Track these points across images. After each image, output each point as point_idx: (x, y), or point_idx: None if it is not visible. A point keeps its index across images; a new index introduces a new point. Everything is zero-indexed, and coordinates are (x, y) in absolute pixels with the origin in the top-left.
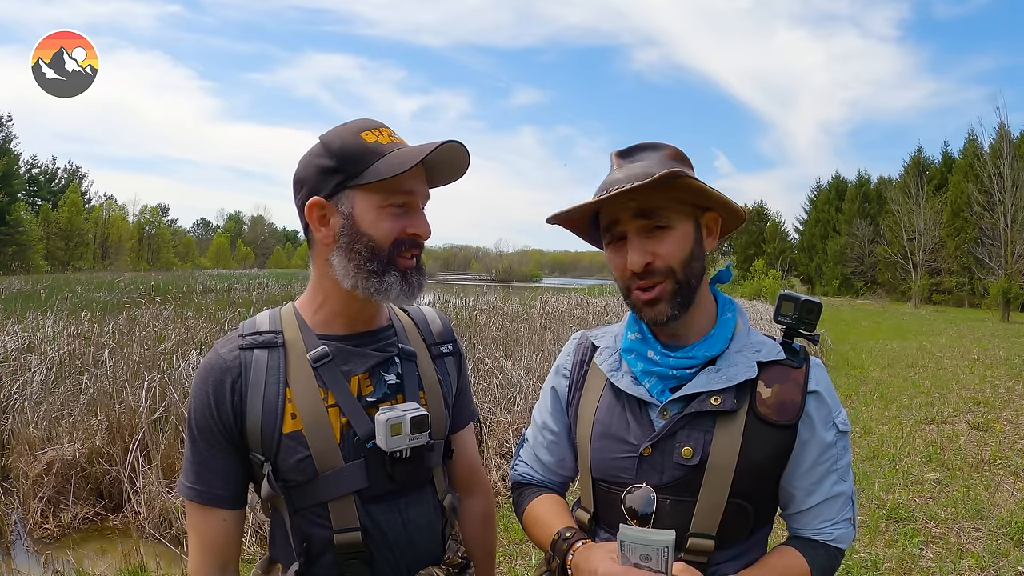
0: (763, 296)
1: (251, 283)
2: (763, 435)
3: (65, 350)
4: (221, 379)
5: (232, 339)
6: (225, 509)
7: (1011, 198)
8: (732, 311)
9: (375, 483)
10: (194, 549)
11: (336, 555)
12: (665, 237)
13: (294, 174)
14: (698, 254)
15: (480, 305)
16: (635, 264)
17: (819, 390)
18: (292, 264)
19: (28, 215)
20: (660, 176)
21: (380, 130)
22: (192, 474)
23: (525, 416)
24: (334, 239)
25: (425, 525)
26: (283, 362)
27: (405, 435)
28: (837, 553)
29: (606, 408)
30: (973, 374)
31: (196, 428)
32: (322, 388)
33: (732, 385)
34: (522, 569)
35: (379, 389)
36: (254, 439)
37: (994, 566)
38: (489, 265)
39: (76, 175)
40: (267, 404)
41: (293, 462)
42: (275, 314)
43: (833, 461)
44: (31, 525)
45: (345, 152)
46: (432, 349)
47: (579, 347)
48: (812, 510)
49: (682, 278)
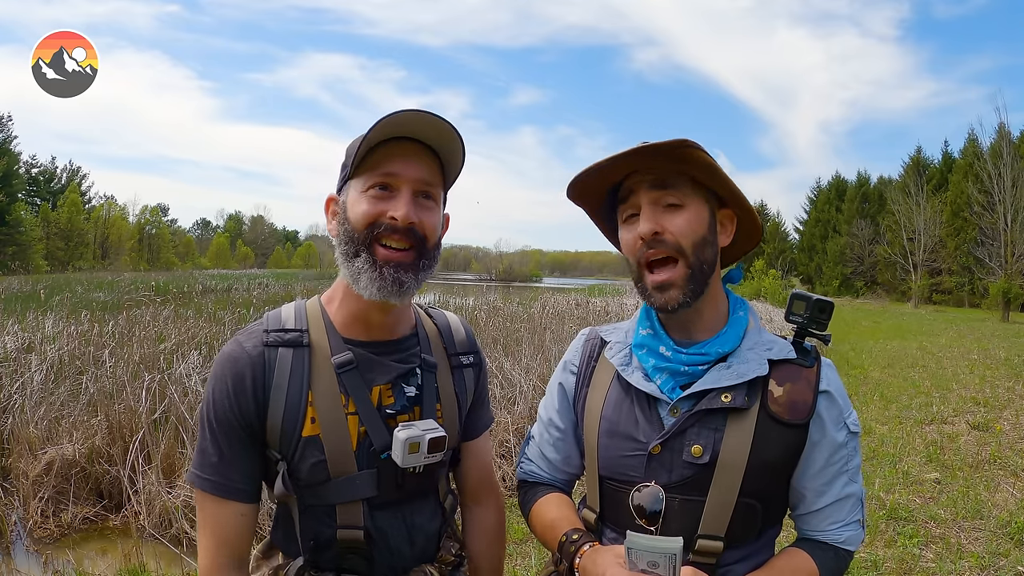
0: (763, 296)
1: (251, 283)
2: (774, 434)
3: (65, 350)
4: (242, 373)
5: (256, 333)
6: (242, 503)
7: (1011, 198)
8: (744, 310)
9: (384, 492)
10: (207, 543)
11: (338, 549)
12: (678, 214)
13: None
14: (711, 240)
15: (480, 305)
16: (644, 231)
17: (830, 390)
18: (292, 264)
19: (28, 215)
20: (675, 141)
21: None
22: (208, 466)
23: (525, 416)
24: (337, 231)
25: (426, 528)
26: (307, 364)
27: (422, 454)
28: (846, 555)
29: (614, 404)
30: (973, 374)
31: (215, 420)
32: (343, 394)
33: (743, 382)
34: (522, 569)
35: (399, 401)
36: (273, 438)
37: (994, 566)
38: (489, 265)
39: (76, 175)
40: (289, 405)
41: (308, 465)
42: (300, 309)
43: (844, 462)
44: (31, 525)
45: (351, 147)
46: (452, 359)
47: (587, 343)
48: (822, 511)
49: (694, 262)
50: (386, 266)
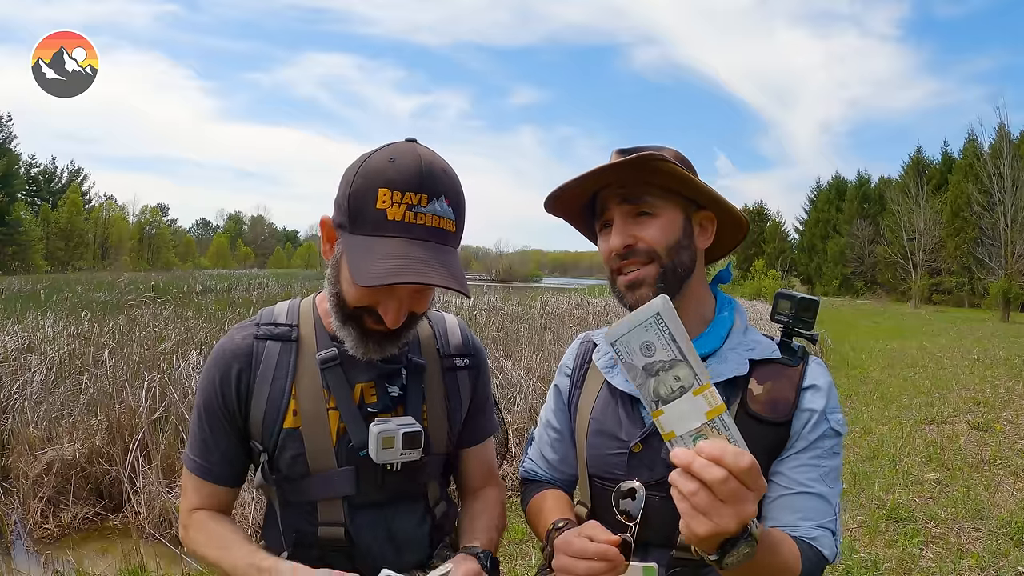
0: (763, 296)
1: (251, 283)
2: (754, 432)
3: (65, 350)
4: (230, 363)
5: (248, 326)
6: (220, 486)
7: (1011, 198)
8: (729, 310)
9: (364, 491)
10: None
11: (320, 548)
12: (649, 223)
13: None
14: (686, 244)
15: (480, 305)
16: (616, 244)
17: (816, 384)
18: (292, 264)
19: (28, 215)
20: (637, 156)
21: (404, 194)
22: (196, 448)
23: (525, 416)
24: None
25: (410, 537)
26: (294, 358)
27: (396, 449)
28: (820, 557)
29: (601, 406)
30: (973, 374)
31: (203, 407)
32: (326, 390)
33: (721, 381)
34: (522, 569)
35: (382, 400)
36: (256, 428)
37: (994, 566)
38: (489, 265)
39: (76, 175)
40: (272, 397)
41: (288, 457)
42: (294, 306)
43: (818, 456)
44: (31, 525)
45: (353, 200)
46: (445, 361)
47: (581, 346)
48: (784, 499)
49: (667, 264)
50: (371, 337)
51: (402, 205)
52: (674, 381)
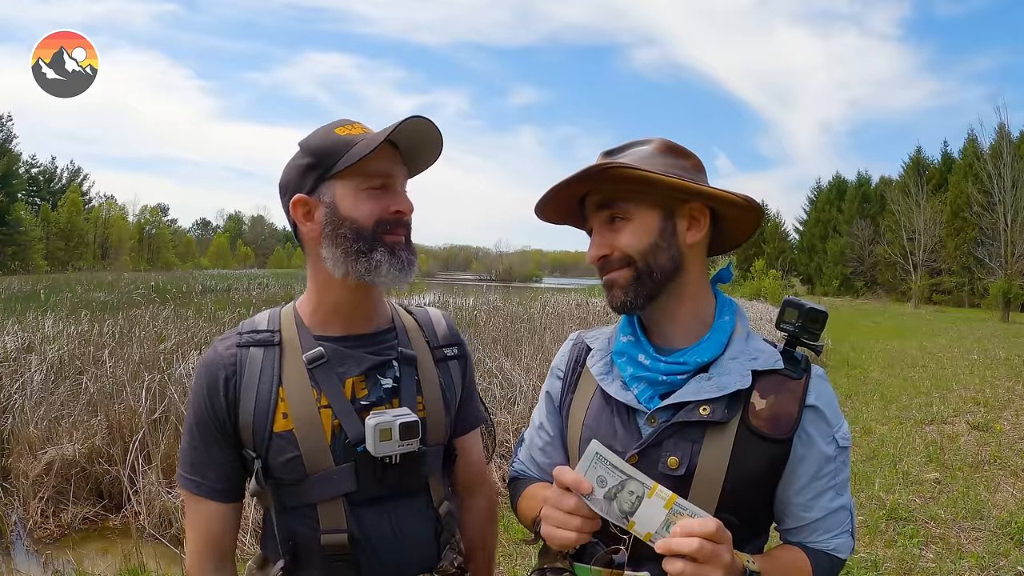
0: (763, 296)
1: (251, 283)
2: (754, 448)
3: (65, 350)
4: (215, 375)
5: (230, 336)
6: (220, 502)
7: (1011, 198)
8: (730, 314)
9: (364, 487)
10: (191, 539)
11: (323, 556)
12: (623, 228)
13: (279, 182)
14: (664, 245)
15: (480, 305)
16: (590, 256)
17: (818, 404)
18: (292, 264)
19: (28, 215)
20: (593, 167)
21: (352, 125)
22: (189, 466)
23: (525, 416)
24: (320, 231)
25: (416, 533)
26: (278, 361)
27: (395, 441)
28: (838, 561)
29: (595, 413)
30: (973, 374)
31: (194, 420)
32: (315, 389)
33: (723, 395)
34: (522, 569)
35: (374, 392)
36: (246, 435)
37: (994, 566)
38: (489, 265)
39: (76, 175)
40: (259, 402)
41: (283, 461)
42: (275, 313)
43: (831, 477)
44: (31, 525)
45: (320, 148)
46: (436, 352)
47: (574, 348)
48: (809, 526)
49: (642, 267)
50: (398, 249)
51: (355, 128)
52: (629, 495)
